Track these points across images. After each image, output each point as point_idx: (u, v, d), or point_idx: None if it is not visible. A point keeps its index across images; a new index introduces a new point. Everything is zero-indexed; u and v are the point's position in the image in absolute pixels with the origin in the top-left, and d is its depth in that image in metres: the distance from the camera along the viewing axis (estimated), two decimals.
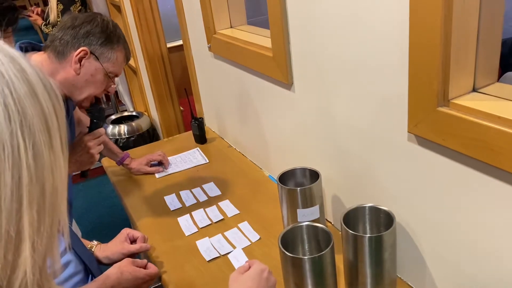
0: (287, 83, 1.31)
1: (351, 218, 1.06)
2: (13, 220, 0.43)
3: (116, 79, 1.28)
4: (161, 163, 1.80)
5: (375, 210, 1.06)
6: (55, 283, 0.50)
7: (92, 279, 1.12)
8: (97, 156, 1.28)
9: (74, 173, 1.28)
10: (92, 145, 1.25)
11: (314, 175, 1.22)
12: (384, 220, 1.04)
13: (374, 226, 1.09)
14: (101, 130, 1.29)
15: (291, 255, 0.96)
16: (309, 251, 1.10)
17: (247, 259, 1.22)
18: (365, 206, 1.07)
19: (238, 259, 1.25)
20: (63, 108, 0.49)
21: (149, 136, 3.22)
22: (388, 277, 1.02)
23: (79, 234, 1.66)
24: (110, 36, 1.20)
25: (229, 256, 1.27)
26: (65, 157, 0.50)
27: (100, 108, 1.33)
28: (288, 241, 1.05)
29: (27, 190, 0.44)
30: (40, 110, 0.46)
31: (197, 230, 1.40)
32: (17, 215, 0.43)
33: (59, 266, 0.50)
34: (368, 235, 0.98)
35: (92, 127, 1.29)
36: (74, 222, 1.70)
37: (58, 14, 3.28)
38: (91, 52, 1.18)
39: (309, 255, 1.06)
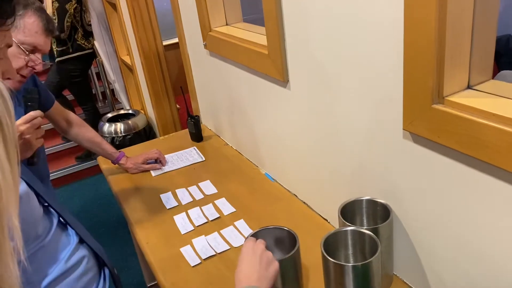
0: (282, 80, 1.31)
1: (348, 211, 1.07)
2: None
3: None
4: (157, 161, 1.80)
5: (372, 203, 1.08)
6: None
7: (105, 273, 1.12)
8: (36, 142, 1.13)
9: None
10: (25, 130, 1.10)
11: None
12: (380, 213, 1.06)
13: (371, 219, 1.10)
14: (35, 113, 1.14)
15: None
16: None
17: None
18: (362, 199, 1.09)
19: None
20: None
21: (146, 134, 3.21)
22: (384, 270, 1.03)
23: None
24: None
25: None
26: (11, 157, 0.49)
27: (32, 90, 1.20)
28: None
29: None
30: None
31: (193, 228, 1.40)
32: None
33: (14, 271, 0.49)
34: (365, 227, 0.98)
35: (27, 111, 1.15)
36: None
37: (53, 12, 3.26)
38: None
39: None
